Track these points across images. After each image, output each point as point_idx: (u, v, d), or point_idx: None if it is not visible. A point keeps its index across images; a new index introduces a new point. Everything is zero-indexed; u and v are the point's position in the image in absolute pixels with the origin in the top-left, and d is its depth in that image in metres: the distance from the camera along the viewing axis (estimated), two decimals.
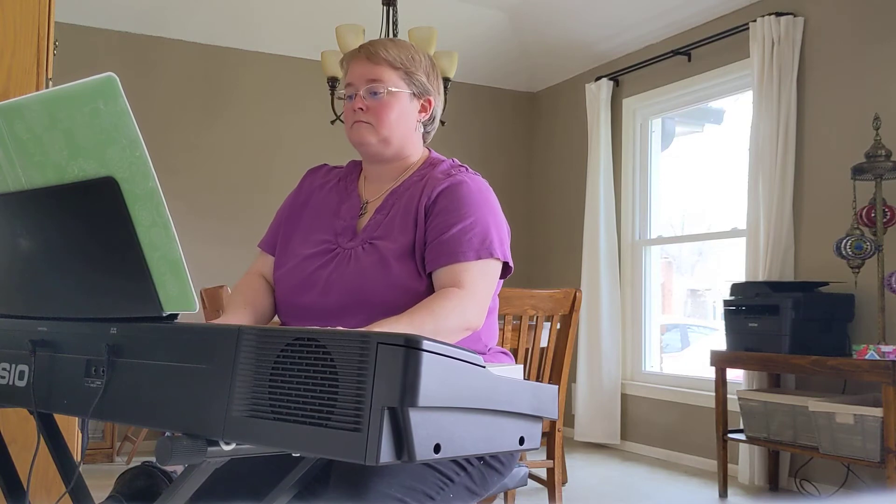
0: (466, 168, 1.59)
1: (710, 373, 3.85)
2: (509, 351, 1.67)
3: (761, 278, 3.85)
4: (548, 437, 2.90)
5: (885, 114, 3.46)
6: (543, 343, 2.94)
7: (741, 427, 3.69)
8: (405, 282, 1.44)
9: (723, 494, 3.67)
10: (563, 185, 5.59)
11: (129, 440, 4.41)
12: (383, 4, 3.85)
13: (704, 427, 4.25)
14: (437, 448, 0.88)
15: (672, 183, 5.08)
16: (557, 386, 1.93)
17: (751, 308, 3.61)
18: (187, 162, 4.80)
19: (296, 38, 4.98)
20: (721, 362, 3.74)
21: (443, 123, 1.78)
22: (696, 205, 5.22)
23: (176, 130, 4.80)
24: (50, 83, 2.28)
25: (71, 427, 2.03)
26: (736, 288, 3.78)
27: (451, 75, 3.73)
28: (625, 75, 5.02)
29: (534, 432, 1.03)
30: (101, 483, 1.88)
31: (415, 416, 0.84)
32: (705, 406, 4.24)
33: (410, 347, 0.84)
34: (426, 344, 0.85)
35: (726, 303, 3.75)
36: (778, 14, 3.91)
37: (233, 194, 4.93)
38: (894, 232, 3.40)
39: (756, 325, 3.57)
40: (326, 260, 1.51)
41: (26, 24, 2.23)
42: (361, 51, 1.58)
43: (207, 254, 4.62)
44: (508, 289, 2.54)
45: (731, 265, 4.61)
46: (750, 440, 3.61)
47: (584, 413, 4.96)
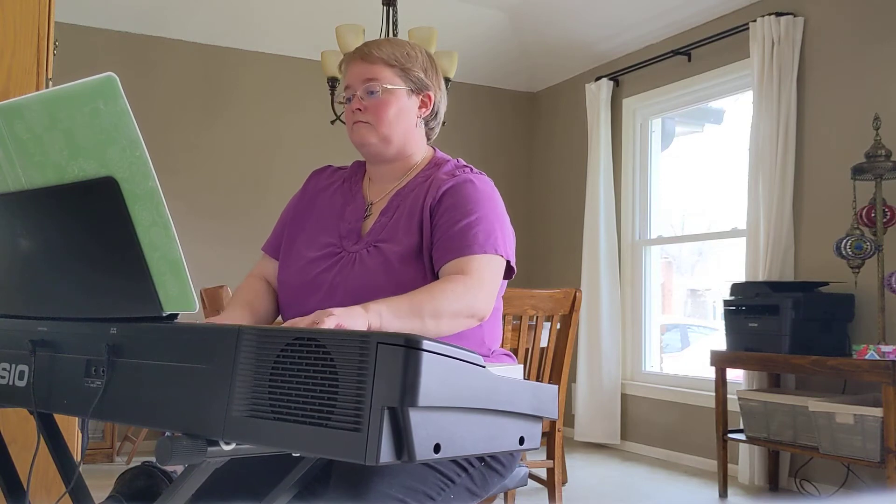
0: (471, 168, 1.58)
1: (710, 373, 3.85)
2: (510, 351, 1.66)
3: (761, 278, 3.85)
4: (548, 437, 2.90)
5: (885, 114, 3.46)
6: (543, 343, 2.94)
7: (741, 427, 3.69)
8: (410, 284, 1.43)
9: (723, 494, 3.67)
10: (563, 185, 5.59)
11: (129, 440, 4.41)
12: (383, 4, 3.85)
13: (704, 427, 4.25)
14: (437, 448, 0.88)
15: (672, 183, 5.08)
16: (557, 386, 1.93)
17: (751, 308, 3.61)
18: (187, 162, 4.80)
19: (296, 38, 4.98)
20: (721, 362, 3.74)
21: (443, 123, 1.78)
22: (696, 205, 5.22)
23: (176, 130, 4.80)
24: (50, 83, 2.28)
25: (71, 427, 2.03)
26: (736, 288, 3.78)
27: (451, 75, 3.73)
28: (625, 75, 5.02)
29: (534, 432, 1.03)
30: (101, 483, 1.87)
31: (415, 416, 0.84)
32: (705, 406, 4.24)
33: (410, 347, 0.84)
34: (426, 344, 0.85)
35: (726, 303, 3.75)
36: (778, 14, 3.91)
37: (233, 194, 4.93)
38: (894, 232, 3.40)
39: (756, 325, 3.57)
40: (331, 263, 1.51)
41: (26, 24, 2.23)
42: (356, 53, 1.58)
43: (207, 254, 4.62)
44: (508, 289, 2.53)
45: (731, 265, 4.61)
46: (750, 440, 3.61)
47: (584, 413, 4.96)
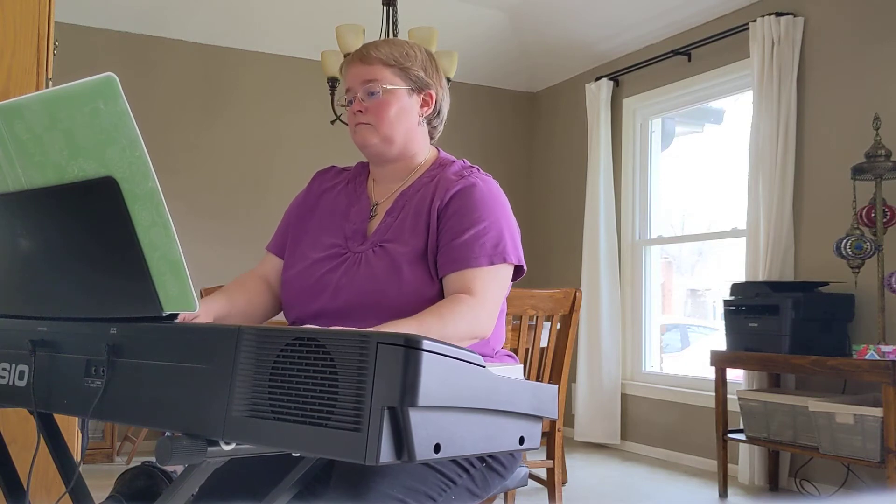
0: (478, 169, 1.58)
1: (710, 373, 3.85)
2: (510, 352, 1.66)
3: (761, 278, 3.85)
4: (548, 437, 2.89)
5: (885, 114, 3.46)
6: (543, 343, 2.94)
7: (741, 427, 3.69)
8: (416, 286, 1.43)
9: (723, 494, 3.67)
10: (563, 185, 5.59)
11: (129, 440, 4.40)
12: (383, 4, 3.85)
13: (704, 427, 4.25)
14: (437, 448, 0.88)
15: (672, 183, 5.08)
16: (557, 386, 1.93)
17: (751, 308, 3.61)
18: (187, 162, 4.80)
19: (296, 38, 4.98)
20: (721, 362, 3.74)
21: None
22: (696, 205, 5.22)
23: (176, 130, 4.80)
24: (50, 83, 2.28)
25: (71, 427, 2.03)
26: (736, 288, 3.78)
27: (452, 75, 3.73)
28: (625, 75, 5.02)
29: (534, 432, 1.03)
30: (101, 483, 1.87)
31: (415, 416, 0.84)
32: (705, 406, 4.24)
33: (410, 347, 0.84)
34: (426, 344, 0.85)
35: (726, 303, 3.75)
36: (778, 14, 3.91)
37: (233, 194, 4.93)
38: (894, 232, 3.40)
39: (756, 325, 3.57)
40: (336, 264, 1.50)
41: (26, 24, 2.23)
42: (355, 55, 1.58)
43: (207, 254, 4.62)
44: None
45: (731, 265, 4.61)
46: (750, 440, 3.61)
47: (584, 413, 4.96)
